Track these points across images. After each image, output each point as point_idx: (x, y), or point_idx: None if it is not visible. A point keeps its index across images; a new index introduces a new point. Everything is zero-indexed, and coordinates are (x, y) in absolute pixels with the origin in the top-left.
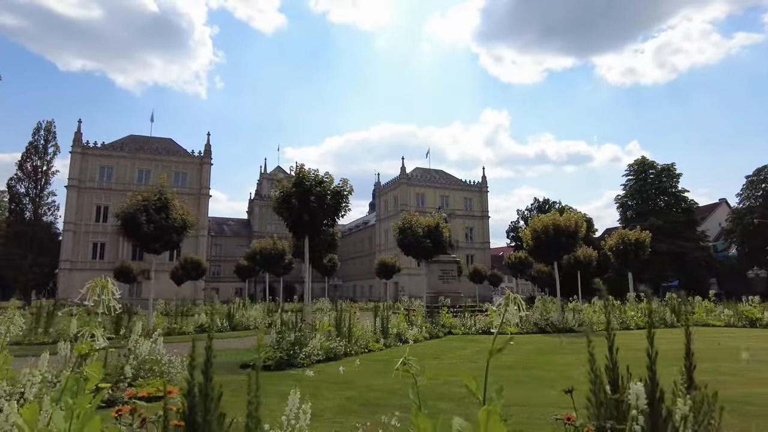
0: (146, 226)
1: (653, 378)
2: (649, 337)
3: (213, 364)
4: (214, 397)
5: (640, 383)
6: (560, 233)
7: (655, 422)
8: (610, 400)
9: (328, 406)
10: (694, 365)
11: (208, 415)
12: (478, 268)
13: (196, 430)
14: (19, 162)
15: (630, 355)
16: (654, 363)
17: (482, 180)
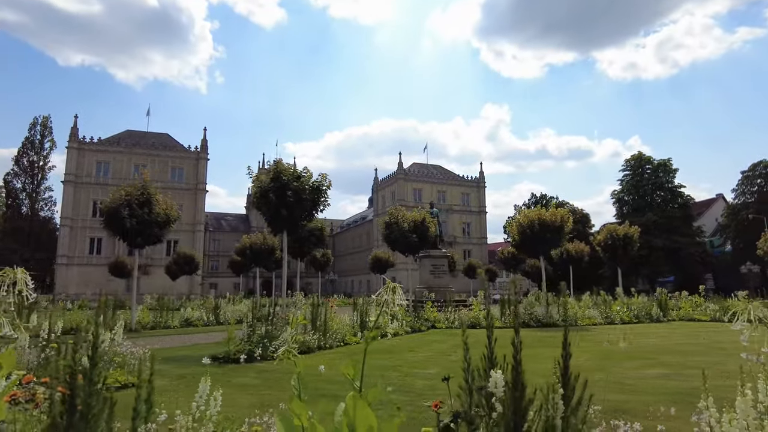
0: (129, 221)
1: (517, 368)
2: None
3: (185, 357)
4: (96, 381)
5: (500, 372)
6: (545, 228)
7: (516, 408)
8: (477, 388)
9: (283, 397)
10: (571, 354)
11: (90, 398)
12: (473, 263)
13: (74, 410)
14: (16, 157)
15: (596, 347)
16: (518, 353)
17: (480, 175)
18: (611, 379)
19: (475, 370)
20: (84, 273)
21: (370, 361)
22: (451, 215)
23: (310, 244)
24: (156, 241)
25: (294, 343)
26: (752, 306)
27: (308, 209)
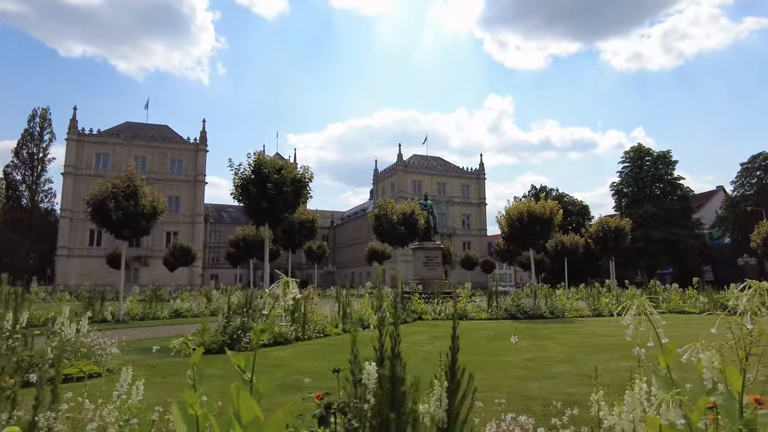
0: (115, 213)
1: (394, 360)
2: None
3: (163, 348)
4: None
5: (372, 364)
6: (534, 221)
7: (392, 399)
8: (357, 380)
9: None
10: (458, 347)
11: None
12: (470, 255)
13: None
14: (15, 149)
15: (574, 340)
16: (396, 346)
17: (480, 167)
18: (579, 372)
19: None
20: (84, 264)
21: (338, 354)
22: (451, 207)
23: (301, 235)
24: (143, 233)
25: (270, 334)
26: (639, 301)
27: (290, 201)
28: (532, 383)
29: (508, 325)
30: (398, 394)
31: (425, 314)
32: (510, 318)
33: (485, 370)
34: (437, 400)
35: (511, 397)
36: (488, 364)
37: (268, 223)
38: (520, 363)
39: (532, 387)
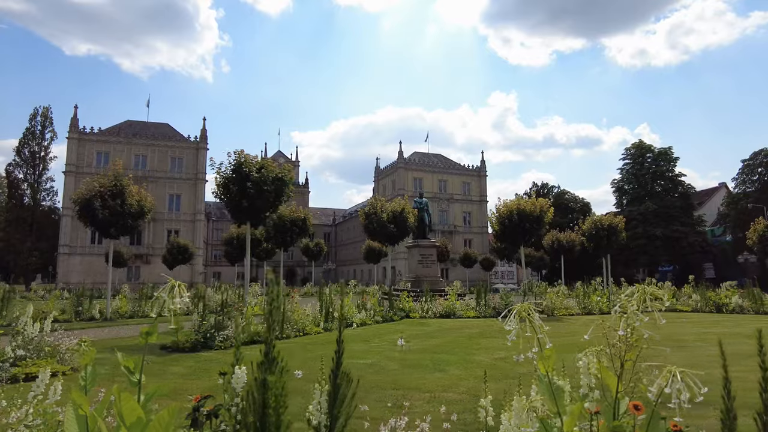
0: (101, 212)
1: (267, 365)
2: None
3: (139, 346)
4: None
5: (243, 368)
6: (524, 218)
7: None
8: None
9: (201, 385)
10: (343, 351)
11: None
12: (469, 253)
13: None
14: (17, 148)
15: (550, 338)
16: (270, 349)
17: (481, 164)
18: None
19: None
20: (85, 262)
21: (306, 353)
22: (452, 204)
23: (293, 233)
24: (130, 232)
25: (242, 333)
26: (521, 306)
27: (271, 200)
28: (490, 384)
29: (493, 323)
30: (267, 398)
31: (413, 312)
32: (497, 316)
33: (445, 370)
34: (317, 404)
35: (463, 397)
36: (454, 364)
37: (249, 221)
38: (488, 362)
39: (488, 388)
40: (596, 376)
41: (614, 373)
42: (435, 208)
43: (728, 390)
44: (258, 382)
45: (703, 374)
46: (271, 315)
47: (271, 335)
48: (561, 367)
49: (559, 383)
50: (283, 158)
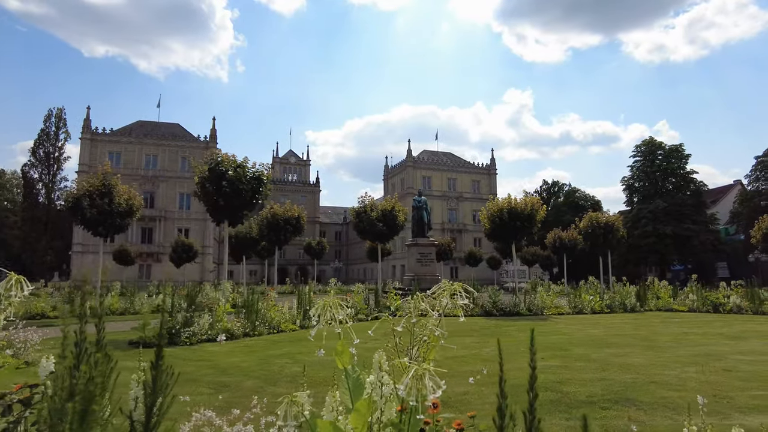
0: (89, 211)
1: (78, 356)
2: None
3: (109, 341)
4: None
5: (51, 359)
6: (515, 217)
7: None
8: None
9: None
10: (164, 345)
11: None
12: (474, 252)
13: None
14: (32, 148)
15: (525, 339)
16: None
17: (491, 162)
18: (492, 370)
19: None
20: (97, 260)
21: (273, 350)
22: (462, 203)
23: (286, 232)
24: (118, 231)
25: (208, 330)
26: (324, 301)
27: (248, 199)
28: None
29: (474, 322)
30: (73, 386)
31: (399, 310)
32: (484, 315)
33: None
34: (134, 400)
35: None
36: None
37: (227, 220)
38: (439, 361)
39: None
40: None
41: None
42: (444, 207)
43: (501, 389)
44: (68, 370)
45: (639, 377)
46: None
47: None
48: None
49: (364, 379)
50: (294, 157)
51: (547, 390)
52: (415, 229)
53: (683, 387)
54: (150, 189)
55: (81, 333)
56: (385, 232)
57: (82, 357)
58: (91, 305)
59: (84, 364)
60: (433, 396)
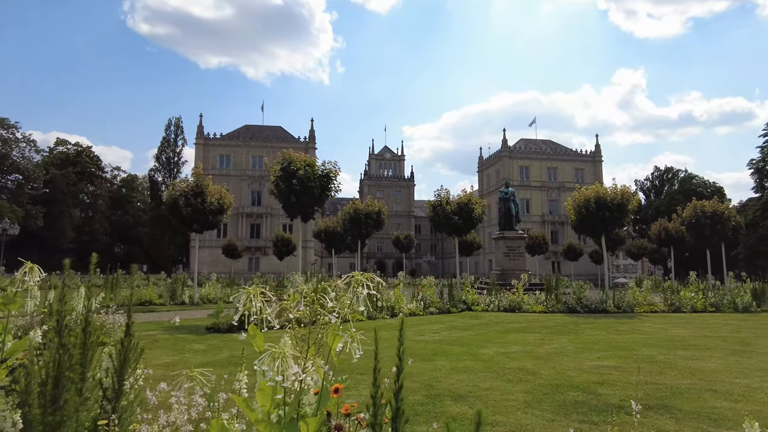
0: (185, 210)
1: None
2: None
3: (186, 327)
4: None
5: (41, 329)
6: (603, 207)
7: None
8: None
9: (194, 359)
10: (131, 331)
11: None
12: (573, 245)
13: None
14: (156, 155)
15: (593, 337)
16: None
17: (596, 148)
18: (525, 368)
19: None
20: (212, 254)
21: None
22: (563, 193)
23: (367, 226)
24: (211, 227)
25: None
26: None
27: (317, 195)
28: (451, 377)
29: (551, 319)
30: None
31: (475, 305)
32: (567, 312)
33: (432, 360)
34: (106, 371)
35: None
36: (450, 355)
37: (299, 215)
38: (488, 356)
39: (426, 378)
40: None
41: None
42: (543, 198)
43: (375, 378)
44: (54, 344)
45: (698, 383)
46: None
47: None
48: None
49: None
50: (389, 153)
51: (578, 390)
52: (502, 222)
53: (746, 399)
54: (257, 188)
55: (61, 315)
56: (460, 225)
57: (64, 333)
58: (189, 294)
59: (65, 339)
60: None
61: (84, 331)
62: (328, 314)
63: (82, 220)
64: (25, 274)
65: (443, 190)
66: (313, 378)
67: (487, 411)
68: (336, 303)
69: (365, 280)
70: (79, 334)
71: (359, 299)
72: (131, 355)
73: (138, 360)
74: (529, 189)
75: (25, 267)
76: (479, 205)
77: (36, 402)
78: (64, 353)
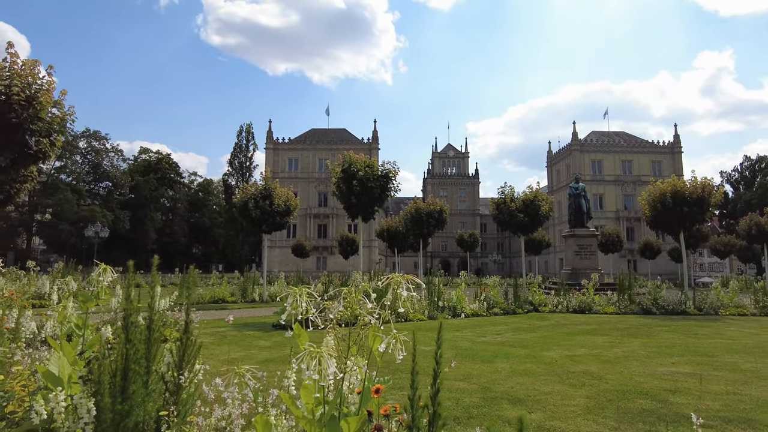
0: (254, 212)
1: (126, 329)
2: None
3: (254, 324)
4: None
5: (108, 328)
6: (681, 202)
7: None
8: None
9: (254, 355)
10: (191, 331)
11: None
12: (650, 242)
13: None
14: (229, 160)
15: (669, 340)
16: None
17: (675, 139)
18: (591, 372)
19: None
20: (282, 254)
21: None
22: (639, 187)
23: (429, 225)
24: (279, 228)
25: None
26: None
27: (377, 195)
28: (510, 380)
29: (623, 320)
30: (129, 353)
31: (542, 306)
32: (642, 313)
33: (492, 362)
34: (167, 366)
35: (460, 385)
36: (511, 357)
37: (360, 215)
38: (551, 359)
39: (484, 381)
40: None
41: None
42: (618, 193)
43: (413, 380)
44: (121, 339)
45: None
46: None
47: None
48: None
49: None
50: (452, 151)
51: (646, 397)
52: (572, 219)
53: None
54: (323, 190)
55: (150, 316)
56: (526, 224)
57: (130, 329)
58: (259, 292)
59: (132, 335)
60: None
61: (148, 328)
62: (367, 315)
63: (163, 223)
64: (99, 275)
65: (507, 187)
66: (356, 378)
67: (544, 416)
68: (375, 304)
69: (404, 281)
70: (144, 331)
71: (401, 300)
72: (189, 351)
73: (196, 356)
74: (602, 184)
75: (99, 268)
76: (546, 202)
77: (107, 391)
78: (130, 348)
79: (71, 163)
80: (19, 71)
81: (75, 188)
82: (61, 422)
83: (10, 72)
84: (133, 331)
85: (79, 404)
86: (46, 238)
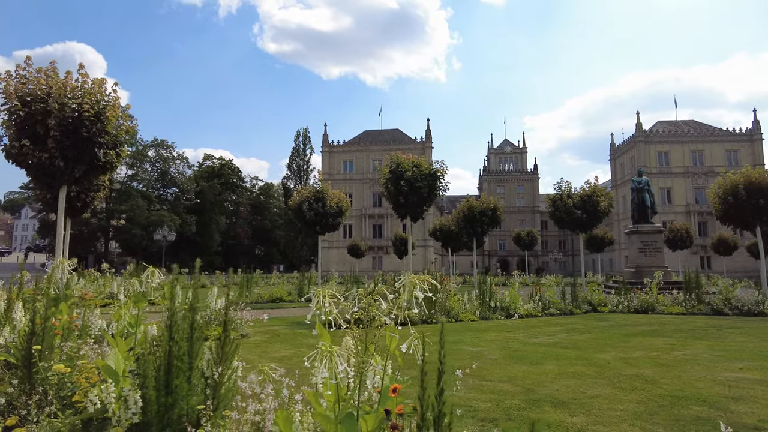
0: (308, 213)
1: (170, 324)
2: None
3: (302, 323)
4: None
5: (154, 326)
6: (755, 193)
7: (168, 353)
8: None
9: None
10: (229, 333)
11: None
12: (725, 237)
13: None
14: (288, 164)
15: (732, 344)
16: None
17: (754, 125)
18: (641, 374)
19: None
20: (338, 254)
21: (434, 337)
22: (712, 179)
23: (482, 224)
24: (332, 229)
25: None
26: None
27: (425, 195)
28: (556, 383)
29: (690, 321)
30: (172, 352)
31: (601, 306)
32: (711, 314)
33: (540, 364)
34: (207, 363)
35: (495, 385)
36: (561, 359)
37: (409, 215)
38: (604, 361)
39: (529, 383)
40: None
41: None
42: (688, 185)
43: (422, 380)
44: (165, 337)
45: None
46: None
47: (171, 305)
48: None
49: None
50: (509, 147)
51: (704, 405)
52: (635, 215)
53: None
54: (378, 191)
55: (191, 315)
56: (584, 220)
57: (174, 327)
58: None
59: (174, 333)
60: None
61: (191, 327)
62: (383, 316)
63: (227, 226)
64: (148, 277)
65: (564, 182)
66: (374, 377)
67: (586, 420)
68: (391, 305)
69: (419, 282)
70: (186, 329)
71: (417, 301)
72: (227, 349)
73: (234, 354)
74: (670, 176)
75: (147, 270)
76: (605, 197)
77: (151, 385)
78: (173, 345)
79: (141, 171)
80: (89, 89)
81: (145, 194)
82: (112, 411)
83: (81, 91)
84: (176, 330)
85: (127, 396)
86: (121, 241)
